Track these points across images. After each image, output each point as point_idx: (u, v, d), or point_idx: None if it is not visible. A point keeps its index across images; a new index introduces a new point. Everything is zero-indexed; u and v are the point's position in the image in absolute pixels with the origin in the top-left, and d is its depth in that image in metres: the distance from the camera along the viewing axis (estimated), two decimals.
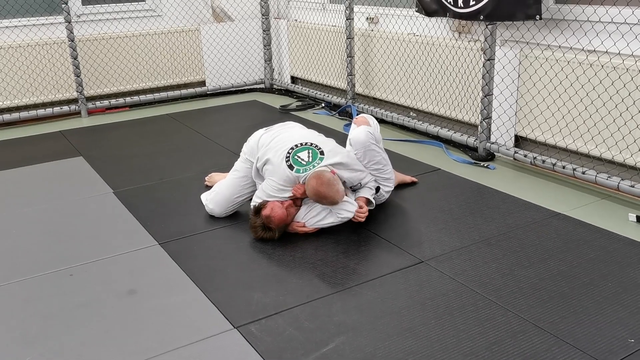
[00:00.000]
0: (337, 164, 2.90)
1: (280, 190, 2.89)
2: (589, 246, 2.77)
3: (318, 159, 2.87)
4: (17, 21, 5.26)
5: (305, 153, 2.89)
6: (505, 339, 2.12)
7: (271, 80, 6.41)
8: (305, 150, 2.90)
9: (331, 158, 2.90)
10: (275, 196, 2.89)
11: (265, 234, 2.87)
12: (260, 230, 2.87)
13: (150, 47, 5.81)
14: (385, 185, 3.21)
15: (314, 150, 2.91)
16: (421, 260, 2.70)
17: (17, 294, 2.54)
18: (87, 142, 4.69)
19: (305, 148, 2.92)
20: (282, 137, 3.03)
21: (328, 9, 5.66)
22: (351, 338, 2.16)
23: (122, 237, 3.03)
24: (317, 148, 2.93)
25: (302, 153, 2.89)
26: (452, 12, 3.91)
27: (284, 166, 2.87)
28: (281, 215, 2.85)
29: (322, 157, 2.89)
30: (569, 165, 3.47)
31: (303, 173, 2.85)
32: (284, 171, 2.87)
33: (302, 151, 2.90)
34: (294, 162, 2.86)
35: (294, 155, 2.89)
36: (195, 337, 2.20)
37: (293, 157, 2.88)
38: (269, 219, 2.84)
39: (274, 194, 2.89)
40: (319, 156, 2.89)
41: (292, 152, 2.90)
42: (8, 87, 5.26)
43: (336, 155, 2.94)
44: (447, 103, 4.43)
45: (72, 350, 2.15)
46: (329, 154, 2.92)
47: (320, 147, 2.95)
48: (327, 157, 2.90)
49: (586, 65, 3.40)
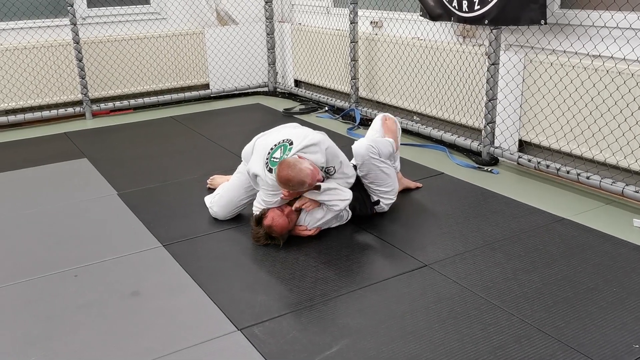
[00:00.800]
0: (307, 146, 2.84)
1: (273, 195, 2.87)
2: (593, 251, 2.77)
3: (287, 150, 2.84)
4: (23, 23, 5.28)
5: (278, 152, 2.87)
6: (510, 344, 2.12)
7: (275, 83, 6.41)
8: (278, 149, 2.88)
9: (300, 143, 2.85)
10: (271, 201, 2.88)
11: (270, 242, 2.88)
12: (264, 240, 2.87)
13: (155, 50, 5.82)
14: (385, 197, 3.16)
15: (285, 145, 2.87)
16: (425, 264, 2.70)
17: (22, 294, 2.54)
18: (92, 144, 4.70)
19: (278, 147, 2.89)
20: (263, 143, 2.99)
21: (332, 12, 5.67)
22: (354, 341, 2.15)
23: (126, 238, 3.04)
24: (287, 141, 2.88)
25: (276, 153, 2.87)
26: (457, 16, 3.91)
27: (266, 172, 2.86)
28: (283, 224, 2.85)
29: (291, 148, 2.84)
30: (573, 170, 3.46)
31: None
32: (266, 177, 2.86)
33: (275, 151, 2.88)
34: (271, 164, 2.85)
35: (271, 158, 2.87)
36: (198, 338, 2.20)
37: (270, 160, 2.87)
38: (271, 228, 2.84)
39: (269, 199, 2.89)
40: (288, 147, 2.85)
41: (269, 156, 2.88)
42: (13, 88, 5.27)
43: (305, 138, 2.88)
44: (450, 107, 4.44)
45: (75, 351, 2.15)
46: (297, 141, 2.86)
47: (291, 138, 2.89)
48: (295, 145, 2.85)
49: (591, 70, 3.40)
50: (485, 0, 3.64)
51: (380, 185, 3.12)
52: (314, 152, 2.84)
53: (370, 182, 3.11)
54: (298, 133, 2.95)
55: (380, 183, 3.11)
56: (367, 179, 3.10)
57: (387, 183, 3.13)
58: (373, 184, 3.11)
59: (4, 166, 4.20)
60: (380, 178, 3.10)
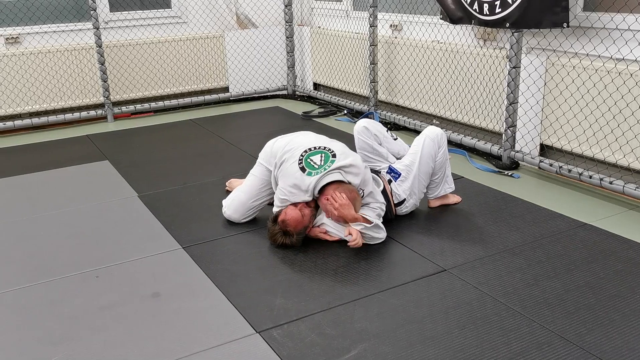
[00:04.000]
0: (349, 165, 2.86)
1: (291, 193, 2.85)
2: (616, 257, 2.72)
3: (330, 161, 2.85)
4: (47, 27, 5.37)
5: (318, 157, 2.87)
6: (530, 350, 2.09)
7: (294, 86, 6.43)
8: (318, 154, 2.88)
9: (342, 160, 2.86)
10: (287, 199, 2.87)
11: (285, 240, 2.87)
12: (280, 237, 2.87)
13: (175, 53, 5.88)
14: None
15: (326, 154, 2.88)
16: (444, 269, 2.68)
17: (44, 295, 2.58)
18: (113, 147, 4.76)
19: (319, 152, 2.90)
20: (296, 141, 3.02)
21: (352, 16, 5.67)
22: (373, 345, 2.15)
23: (147, 240, 3.06)
24: (329, 151, 2.90)
25: (315, 157, 2.87)
26: (478, 19, 3.89)
27: (296, 168, 2.85)
28: (295, 217, 2.82)
29: (334, 160, 2.85)
30: (596, 175, 3.42)
31: (314, 176, 2.81)
32: (295, 173, 2.84)
33: (315, 155, 2.88)
34: (306, 165, 2.84)
35: (307, 159, 2.87)
36: (217, 340, 2.21)
37: (306, 160, 2.86)
38: (284, 223, 2.84)
39: (285, 197, 2.87)
40: (330, 158, 2.86)
41: (305, 155, 2.89)
42: (37, 91, 5.36)
43: (347, 157, 2.90)
44: (471, 111, 4.41)
45: (96, 351, 2.18)
46: (340, 156, 2.88)
47: (332, 149, 2.92)
48: (338, 159, 2.86)
49: (614, 73, 3.35)
50: (506, 3, 3.61)
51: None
52: (355, 174, 2.85)
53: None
54: (337, 147, 2.96)
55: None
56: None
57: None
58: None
59: (28, 168, 4.27)
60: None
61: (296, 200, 2.86)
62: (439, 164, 3.19)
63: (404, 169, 3.17)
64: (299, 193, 2.83)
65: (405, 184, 3.14)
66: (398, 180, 3.15)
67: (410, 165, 3.15)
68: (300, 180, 2.82)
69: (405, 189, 3.14)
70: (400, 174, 3.15)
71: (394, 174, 3.17)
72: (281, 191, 2.90)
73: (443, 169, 3.23)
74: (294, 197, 2.85)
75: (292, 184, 2.84)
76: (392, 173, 3.17)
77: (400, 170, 3.17)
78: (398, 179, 3.15)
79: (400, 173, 3.16)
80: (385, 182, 3.14)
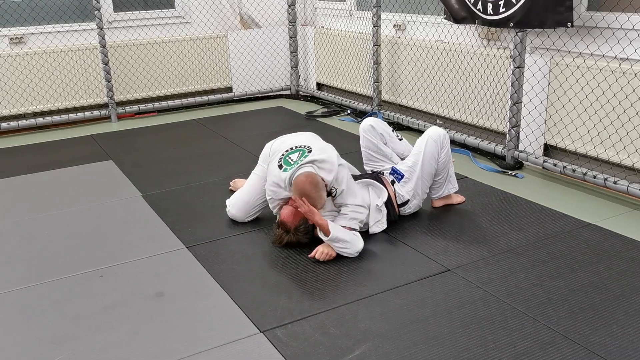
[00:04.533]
0: (322, 160, 2.86)
1: (273, 192, 2.93)
2: (620, 257, 2.72)
3: (304, 156, 2.89)
4: (51, 27, 5.39)
5: (296, 154, 2.94)
6: (535, 350, 2.09)
7: (297, 86, 6.43)
8: (296, 152, 2.95)
9: (317, 155, 2.89)
10: (273, 198, 2.95)
11: (290, 238, 2.87)
12: (285, 237, 2.88)
13: (179, 53, 5.89)
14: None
15: (303, 151, 2.94)
16: (448, 269, 2.68)
17: (48, 294, 2.59)
18: (117, 146, 4.77)
19: (297, 150, 2.97)
20: (284, 143, 3.06)
21: (355, 16, 5.67)
22: (377, 345, 2.15)
23: (150, 240, 3.07)
24: (307, 148, 2.95)
25: (293, 155, 2.95)
26: (482, 19, 3.88)
27: (275, 166, 2.94)
28: (288, 212, 2.87)
29: (307, 155, 2.89)
30: (600, 175, 3.41)
31: (289, 171, 2.85)
32: (274, 171, 2.93)
33: (293, 153, 2.95)
34: (284, 163, 2.92)
35: (286, 157, 2.95)
36: (221, 340, 2.21)
37: (285, 159, 2.94)
38: (282, 222, 2.88)
39: (271, 197, 2.96)
40: (305, 154, 2.91)
41: (285, 154, 2.96)
42: (41, 91, 5.38)
43: (323, 153, 2.91)
44: (474, 111, 4.40)
45: (100, 350, 2.18)
46: (315, 152, 2.90)
47: (310, 147, 2.95)
48: (312, 154, 2.89)
49: (619, 73, 3.34)
50: (510, 3, 3.61)
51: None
52: (328, 170, 2.85)
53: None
54: (317, 145, 2.99)
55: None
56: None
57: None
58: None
59: (32, 168, 4.28)
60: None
61: (280, 197, 2.92)
62: (441, 164, 3.19)
63: (407, 170, 3.17)
64: (279, 190, 2.91)
65: (408, 185, 3.15)
66: (401, 182, 3.15)
67: (413, 166, 3.16)
68: (278, 177, 2.89)
69: (409, 190, 3.14)
70: (404, 175, 3.15)
71: (397, 175, 3.17)
72: (267, 192, 3.00)
73: (446, 169, 3.23)
74: (276, 195, 2.93)
75: (272, 182, 2.93)
76: (395, 174, 3.18)
77: (403, 171, 3.17)
78: (401, 180, 3.15)
79: (404, 174, 3.15)
80: (388, 184, 3.14)
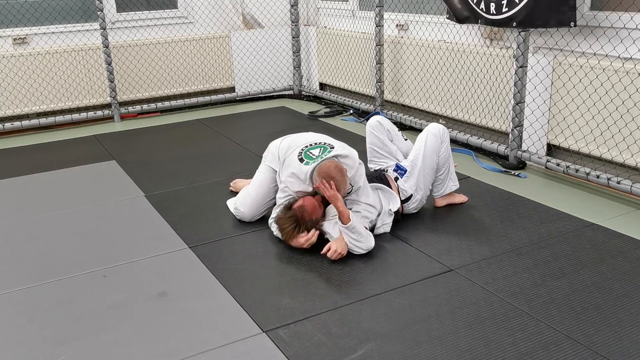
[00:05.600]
0: (345, 156, 2.92)
1: (290, 182, 2.90)
2: (624, 257, 2.71)
3: (327, 151, 2.94)
4: (55, 28, 5.40)
5: (317, 150, 2.98)
6: (538, 350, 2.08)
7: (300, 86, 6.44)
8: (318, 148, 2.99)
9: (340, 150, 2.95)
10: (287, 188, 2.91)
11: (299, 230, 2.81)
12: (294, 225, 2.81)
13: (182, 54, 5.90)
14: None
15: (325, 147, 2.99)
16: (451, 269, 2.67)
17: (52, 294, 2.59)
18: (120, 146, 4.78)
19: (318, 146, 3.01)
20: (299, 140, 3.11)
21: (358, 15, 5.67)
22: (380, 345, 2.15)
23: (153, 240, 3.07)
24: (328, 145, 3.00)
25: (314, 150, 2.98)
26: (484, 19, 3.88)
27: (296, 159, 2.95)
28: (313, 203, 2.84)
29: (331, 151, 2.94)
30: (603, 175, 3.40)
31: (311, 164, 2.87)
32: (294, 163, 2.94)
33: (315, 149, 2.99)
34: (305, 156, 2.95)
35: (307, 152, 2.98)
36: (224, 340, 2.21)
37: (305, 153, 2.97)
38: (302, 208, 2.81)
39: (285, 186, 2.92)
40: (328, 150, 2.96)
41: (306, 149, 3.00)
42: (45, 92, 5.39)
43: (345, 149, 2.99)
44: (477, 110, 4.39)
45: (103, 350, 2.19)
46: (338, 148, 2.97)
47: (332, 144, 3.02)
48: (336, 149, 2.95)
49: (622, 72, 3.34)
50: (513, 2, 3.60)
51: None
52: (350, 166, 2.89)
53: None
54: (337, 142, 3.06)
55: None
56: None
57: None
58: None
59: (35, 168, 4.29)
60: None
61: (295, 189, 2.90)
62: (442, 158, 3.22)
63: (409, 164, 3.22)
64: (297, 182, 2.89)
65: (411, 179, 3.17)
66: (404, 176, 3.18)
67: (415, 161, 3.20)
68: (299, 169, 2.90)
69: (412, 185, 3.17)
70: (406, 170, 3.20)
71: (400, 170, 3.21)
72: (282, 182, 2.99)
73: (447, 164, 3.26)
74: (292, 185, 2.91)
75: (291, 173, 2.93)
76: (398, 170, 3.22)
77: (405, 166, 3.21)
78: (404, 175, 3.19)
79: (406, 169, 3.20)
80: (392, 182, 3.15)
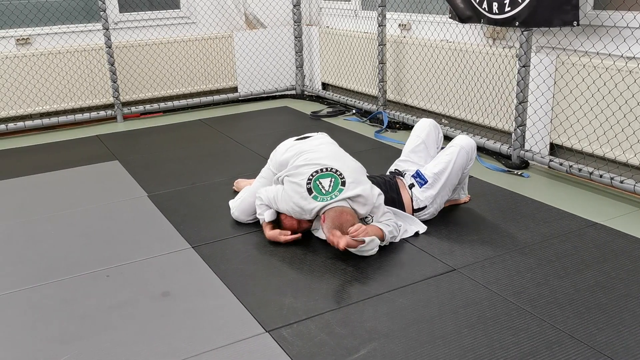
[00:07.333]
0: (357, 196, 2.81)
1: (294, 211, 2.85)
2: (627, 257, 2.71)
3: (338, 189, 2.80)
4: (57, 28, 5.41)
5: (327, 180, 2.83)
6: (541, 350, 2.08)
7: (302, 86, 6.44)
8: (328, 178, 2.84)
9: (351, 190, 2.81)
10: (290, 212, 2.87)
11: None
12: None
13: (184, 54, 5.90)
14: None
15: (336, 178, 2.83)
16: (453, 268, 2.67)
17: (55, 294, 2.60)
18: (123, 147, 4.79)
19: (329, 175, 2.85)
20: (308, 155, 2.96)
21: (360, 15, 5.67)
22: (383, 345, 2.15)
23: (156, 240, 3.08)
24: (340, 176, 2.85)
25: (324, 180, 2.83)
26: (487, 18, 3.87)
27: (304, 188, 2.83)
28: (294, 225, 2.94)
29: (342, 189, 2.80)
30: (607, 174, 3.40)
31: (319, 202, 2.78)
32: (302, 193, 2.82)
33: (325, 177, 2.84)
34: (314, 188, 2.81)
35: (316, 180, 2.83)
36: (226, 340, 2.21)
37: (314, 182, 2.83)
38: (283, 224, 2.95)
39: (288, 212, 2.88)
40: (339, 187, 2.81)
41: (315, 177, 2.84)
42: (47, 92, 5.40)
43: (357, 187, 2.83)
44: (480, 110, 4.39)
45: (106, 350, 2.19)
46: (350, 185, 2.82)
47: (344, 175, 2.85)
48: (347, 189, 2.80)
49: (625, 72, 3.33)
50: (516, 2, 3.60)
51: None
52: (362, 204, 2.82)
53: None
54: (349, 171, 2.88)
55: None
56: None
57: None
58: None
59: (38, 168, 4.30)
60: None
61: (296, 217, 2.90)
62: (465, 174, 3.19)
63: (432, 176, 3.07)
64: (302, 212, 2.85)
65: (429, 191, 3.06)
66: (423, 187, 3.06)
67: (440, 174, 3.06)
68: (306, 202, 2.81)
69: (429, 197, 3.06)
70: (427, 180, 3.06)
71: (419, 179, 3.08)
72: (285, 205, 2.89)
73: (465, 179, 3.25)
74: (296, 214, 2.88)
75: (298, 203, 2.84)
76: (417, 178, 3.09)
77: (427, 177, 3.07)
78: (424, 185, 3.06)
79: (427, 180, 3.06)
80: (405, 188, 3.10)
